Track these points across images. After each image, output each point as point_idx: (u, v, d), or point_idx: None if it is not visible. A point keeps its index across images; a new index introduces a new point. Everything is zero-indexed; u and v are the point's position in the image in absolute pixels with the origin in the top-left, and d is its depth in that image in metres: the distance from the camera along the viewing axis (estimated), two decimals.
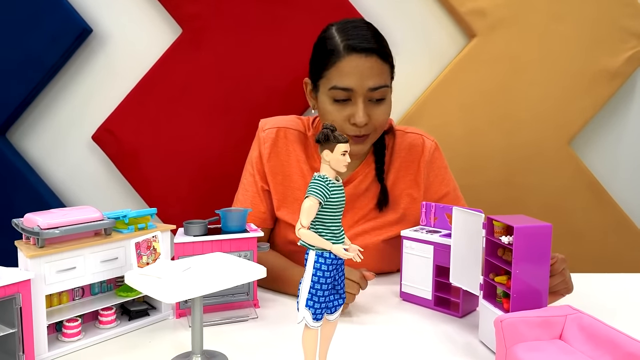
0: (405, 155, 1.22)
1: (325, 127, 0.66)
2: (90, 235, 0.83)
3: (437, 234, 1.00)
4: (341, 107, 1.09)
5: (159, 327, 0.90)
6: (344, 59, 1.06)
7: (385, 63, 1.09)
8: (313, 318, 0.67)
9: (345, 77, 1.06)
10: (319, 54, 1.12)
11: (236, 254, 0.96)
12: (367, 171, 1.21)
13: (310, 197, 0.65)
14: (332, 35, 1.10)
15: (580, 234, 1.72)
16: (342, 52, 1.07)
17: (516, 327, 0.72)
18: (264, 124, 1.27)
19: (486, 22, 1.67)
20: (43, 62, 1.68)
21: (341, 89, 1.07)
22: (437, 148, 1.24)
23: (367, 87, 1.06)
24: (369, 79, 1.06)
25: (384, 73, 1.09)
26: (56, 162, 1.78)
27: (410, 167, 1.21)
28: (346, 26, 1.10)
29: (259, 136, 1.25)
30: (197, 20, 1.67)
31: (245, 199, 1.23)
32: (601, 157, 1.77)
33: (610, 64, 1.68)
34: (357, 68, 1.06)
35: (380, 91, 1.08)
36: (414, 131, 1.25)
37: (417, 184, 1.21)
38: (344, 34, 1.08)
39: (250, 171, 1.24)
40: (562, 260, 0.91)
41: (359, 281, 0.96)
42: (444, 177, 1.24)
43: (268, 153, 1.21)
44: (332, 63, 1.08)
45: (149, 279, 0.70)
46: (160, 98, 1.70)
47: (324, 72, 1.10)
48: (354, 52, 1.06)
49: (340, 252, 0.65)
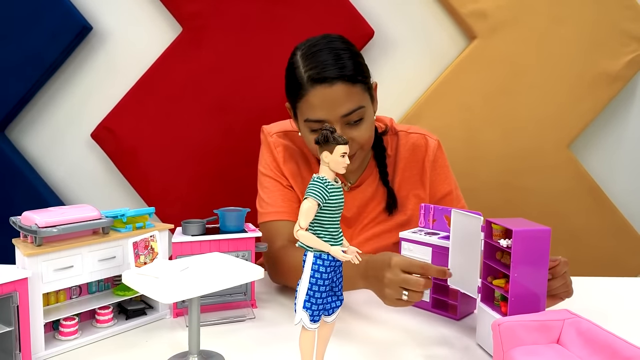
0: (410, 156, 1.22)
1: (325, 129, 0.66)
2: (88, 234, 0.83)
3: (436, 236, 1.00)
4: None
5: (156, 327, 0.90)
6: (310, 92, 1.03)
7: (355, 85, 1.04)
8: (310, 320, 0.67)
9: (315, 109, 1.04)
10: (289, 83, 1.10)
11: (234, 254, 0.96)
12: (372, 175, 1.21)
13: (309, 199, 0.64)
14: (297, 64, 1.07)
15: (579, 237, 1.72)
16: (307, 85, 1.04)
17: (514, 331, 0.72)
18: (269, 130, 1.24)
19: (487, 24, 1.67)
20: (43, 60, 1.68)
21: (314, 121, 1.05)
22: (439, 147, 1.25)
23: (339, 115, 1.04)
24: (339, 107, 1.03)
25: (355, 95, 1.04)
26: (55, 160, 1.78)
27: (414, 168, 1.21)
28: (309, 52, 1.06)
29: (269, 141, 1.22)
30: (197, 19, 1.67)
31: (274, 199, 1.17)
32: (601, 160, 1.78)
33: (611, 67, 1.68)
34: (325, 99, 1.03)
35: (355, 114, 1.05)
36: (416, 131, 1.25)
37: (423, 183, 1.21)
38: (306, 63, 1.04)
39: (270, 175, 1.19)
40: (565, 264, 0.90)
41: (426, 272, 0.86)
42: (447, 175, 1.24)
43: (282, 157, 1.19)
44: (300, 96, 1.06)
45: (146, 279, 0.70)
46: (160, 96, 1.70)
47: (297, 104, 1.08)
48: (317, 83, 1.02)
49: (338, 254, 0.65)
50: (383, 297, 0.88)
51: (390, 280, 0.86)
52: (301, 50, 1.08)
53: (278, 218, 1.14)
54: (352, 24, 1.66)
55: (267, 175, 1.20)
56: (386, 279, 0.86)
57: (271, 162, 1.20)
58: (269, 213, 1.15)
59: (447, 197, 1.23)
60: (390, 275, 0.86)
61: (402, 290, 0.85)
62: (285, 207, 1.15)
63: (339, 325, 0.90)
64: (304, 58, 1.06)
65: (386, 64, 1.72)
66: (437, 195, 1.23)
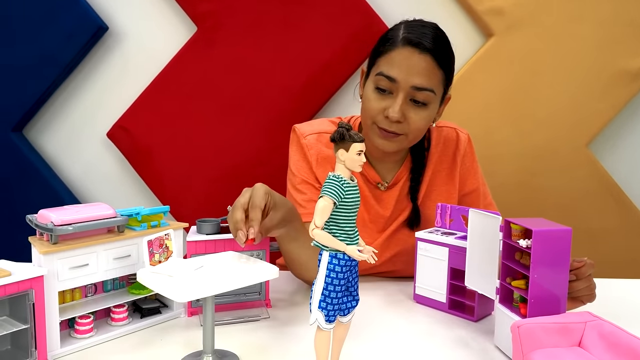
0: (442, 150, 1.20)
1: (341, 126, 0.65)
2: (103, 232, 0.83)
3: (453, 236, 0.99)
4: (382, 97, 1.05)
5: (170, 325, 0.90)
6: (397, 49, 1.04)
7: (440, 68, 1.04)
8: (326, 320, 0.66)
9: (393, 66, 1.03)
10: (380, 41, 1.09)
11: (249, 253, 0.95)
12: (408, 175, 1.19)
13: (325, 197, 0.64)
14: (397, 27, 1.08)
15: (598, 238, 1.69)
16: (398, 43, 1.04)
17: (534, 333, 0.70)
18: (303, 131, 1.19)
19: (504, 22, 1.65)
20: (59, 60, 1.70)
21: (386, 76, 1.04)
22: (469, 141, 1.23)
23: (410, 84, 1.03)
24: (415, 76, 1.02)
25: (434, 77, 1.04)
26: (71, 159, 1.80)
27: (445, 162, 1.20)
28: (414, 23, 1.08)
29: (302, 143, 1.17)
30: (212, 19, 1.67)
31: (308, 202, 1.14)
32: (620, 159, 1.74)
33: (630, 65, 1.65)
34: (406, 61, 1.02)
35: (424, 94, 1.03)
36: (446, 125, 1.23)
37: (453, 178, 1.19)
38: (408, 29, 1.05)
39: (302, 177, 1.16)
40: (590, 266, 0.88)
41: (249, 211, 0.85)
42: (476, 171, 1.23)
43: (316, 160, 1.15)
44: (386, 51, 1.05)
45: (160, 277, 0.70)
46: (175, 96, 1.71)
47: (377, 59, 1.07)
48: (408, 44, 1.03)
49: (354, 253, 0.64)
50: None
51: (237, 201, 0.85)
52: (407, 21, 1.09)
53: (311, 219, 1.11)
54: (367, 22, 1.65)
55: (300, 179, 1.16)
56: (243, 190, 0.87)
57: (304, 164, 1.16)
58: (303, 215, 1.09)
59: (474, 192, 1.22)
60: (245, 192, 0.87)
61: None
62: None
63: (354, 326, 0.89)
64: (407, 25, 1.07)
65: None
66: (464, 190, 1.21)
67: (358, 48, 1.64)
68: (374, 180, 1.17)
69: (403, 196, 1.18)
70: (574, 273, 0.87)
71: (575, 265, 0.87)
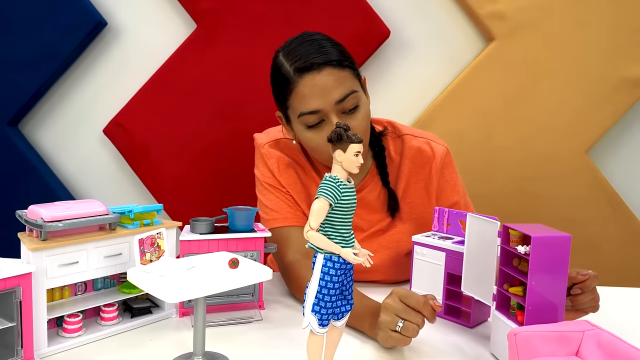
0: (415, 160, 1.17)
1: (338, 126, 0.64)
2: (95, 229, 0.81)
3: (450, 241, 0.97)
4: (318, 131, 1.02)
5: (161, 326, 0.88)
6: (299, 82, 1.00)
7: (344, 69, 1.01)
8: (319, 324, 0.65)
9: (307, 100, 1.00)
10: (276, 85, 1.07)
11: (243, 253, 0.94)
12: (374, 180, 1.16)
13: (320, 199, 0.62)
14: (281, 62, 1.04)
15: (597, 246, 1.68)
16: (295, 77, 1.01)
17: (531, 341, 0.69)
18: (260, 140, 1.19)
19: (506, 26, 1.64)
20: (57, 55, 1.68)
21: (308, 113, 1.01)
22: (447, 153, 1.19)
23: (333, 102, 0.99)
24: (332, 93, 0.99)
25: (346, 79, 1.01)
26: (67, 155, 1.78)
27: (420, 174, 1.17)
28: (290, 47, 1.04)
29: (261, 152, 1.17)
30: (211, 16, 1.66)
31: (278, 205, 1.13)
32: (620, 167, 1.73)
33: (632, 72, 1.64)
34: (315, 87, 0.99)
35: (349, 99, 1.00)
36: (422, 135, 1.20)
37: (429, 193, 1.16)
38: (290, 57, 1.02)
39: (269, 183, 1.15)
40: (594, 278, 0.87)
41: (421, 309, 0.80)
42: (455, 183, 1.19)
43: (277, 168, 1.14)
44: (290, 91, 1.02)
45: (151, 277, 0.68)
46: (173, 93, 1.69)
47: (287, 102, 1.05)
48: (305, 72, 0.99)
49: (349, 256, 0.63)
50: (377, 328, 0.82)
51: (388, 305, 0.80)
52: (282, 50, 1.06)
53: (285, 224, 1.10)
54: (368, 23, 1.63)
55: (266, 183, 1.15)
56: (385, 304, 0.81)
57: (267, 172, 1.16)
58: (275, 219, 1.11)
59: (454, 206, 1.18)
60: (390, 301, 0.81)
61: (399, 319, 0.79)
62: (290, 213, 1.12)
63: (347, 331, 0.88)
64: (286, 55, 1.04)
65: (401, 65, 1.69)
66: (443, 205, 1.18)
67: (359, 49, 1.62)
68: None
69: (372, 202, 1.15)
70: (579, 287, 0.86)
71: (580, 279, 0.86)
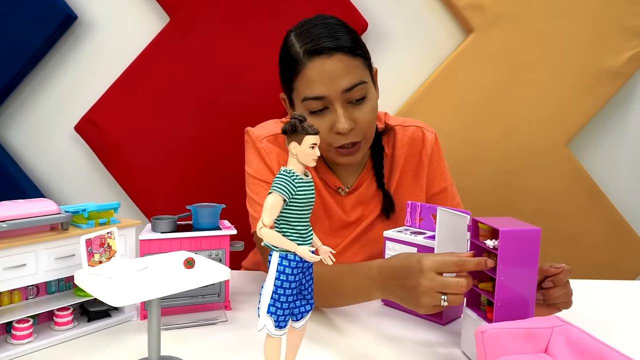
0: (408, 151, 1.14)
1: (294, 117, 0.61)
2: (46, 230, 0.77)
3: (422, 236, 0.94)
4: (320, 117, 0.98)
5: (120, 330, 0.84)
6: (307, 65, 0.96)
7: (355, 57, 0.97)
8: (275, 326, 0.62)
9: (313, 84, 0.96)
10: (284, 65, 1.02)
11: (207, 252, 0.90)
12: (370, 178, 1.13)
13: (274, 194, 0.59)
14: (291, 42, 1.00)
15: (577, 238, 1.66)
16: (304, 59, 0.96)
17: (498, 339, 0.66)
18: (258, 134, 1.11)
19: (484, 17, 1.61)
20: (25, 49, 1.63)
21: (313, 98, 0.96)
22: (436, 140, 1.18)
23: (340, 90, 0.96)
24: (339, 81, 0.95)
25: (356, 69, 0.97)
26: (38, 153, 1.74)
27: (411, 163, 1.14)
28: (303, 29, 0.99)
29: (258, 147, 1.09)
30: (185, 9, 1.61)
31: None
32: (599, 159, 1.72)
33: (612, 64, 1.62)
34: (324, 72, 0.95)
35: (357, 89, 0.97)
36: (412, 123, 1.17)
37: (420, 179, 1.14)
38: (302, 38, 0.98)
39: (261, 183, 1.07)
40: (567, 272, 0.84)
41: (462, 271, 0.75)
42: (443, 171, 1.18)
43: (277, 164, 1.08)
44: (297, 73, 0.98)
45: (98, 279, 0.64)
46: (146, 89, 1.65)
47: (293, 84, 1.00)
48: (315, 55, 0.95)
49: (305, 254, 0.60)
50: (417, 306, 0.77)
51: (427, 287, 0.75)
52: (294, 30, 1.02)
53: None
54: (345, 15, 1.59)
55: (261, 180, 1.08)
56: (422, 286, 0.75)
57: (264, 168, 1.09)
58: None
59: (442, 193, 1.17)
60: (427, 282, 0.75)
61: (441, 295, 0.75)
62: None
63: (315, 330, 0.85)
64: (298, 35, 0.99)
65: (380, 58, 1.66)
66: (432, 191, 1.16)
67: None
68: (334, 185, 1.11)
69: (368, 200, 1.13)
70: (551, 280, 0.84)
71: (552, 272, 0.84)
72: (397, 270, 0.81)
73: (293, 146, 0.61)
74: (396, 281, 0.81)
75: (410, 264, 0.78)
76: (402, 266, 0.80)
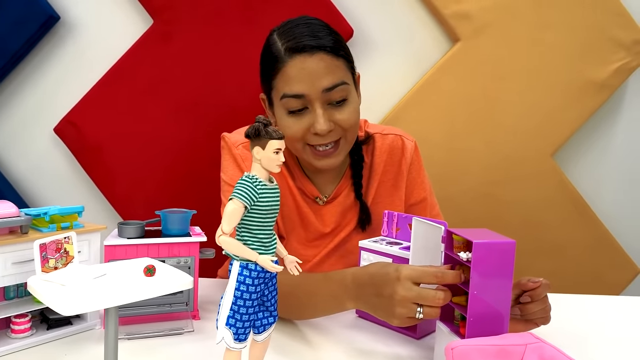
0: (386, 159, 1.12)
1: (257, 121, 0.59)
2: (5, 233, 0.74)
3: (398, 246, 0.92)
4: (298, 118, 0.96)
5: (81, 338, 0.81)
6: (288, 63, 0.93)
7: (338, 58, 0.95)
8: (235, 339, 0.59)
9: (293, 82, 0.93)
10: (265, 63, 1.00)
11: (175, 259, 0.88)
12: (348, 187, 1.10)
13: (234, 200, 0.57)
14: (273, 40, 0.98)
15: (561, 250, 1.64)
16: (285, 57, 0.94)
17: (469, 356, 0.64)
18: (234, 140, 1.08)
19: (471, 26, 1.60)
20: (5, 50, 1.60)
21: (292, 96, 0.94)
22: (416, 149, 1.15)
23: (321, 89, 0.93)
24: (320, 80, 0.93)
25: (338, 69, 0.95)
26: (17, 155, 1.71)
27: (390, 172, 1.12)
28: (286, 27, 0.97)
29: (234, 154, 1.07)
30: (168, 11, 1.59)
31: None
32: (585, 171, 1.71)
33: (598, 75, 1.62)
34: (304, 70, 0.92)
35: (338, 90, 0.94)
36: (392, 132, 1.15)
37: (399, 188, 1.12)
38: (284, 37, 0.96)
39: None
40: (546, 286, 0.82)
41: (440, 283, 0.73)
42: (422, 180, 1.15)
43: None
44: (277, 70, 0.95)
45: (51, 286, 0.61)
46: (128, 91, 1.62)
47: (273, 82, 0.98)
48: (296, 53, 0.93)
49: (267, 264, 0.57)
50: (391, 317, 0.74)
51: (403, 297, 0.72)
52: (277, 29, 1.00)
53: None
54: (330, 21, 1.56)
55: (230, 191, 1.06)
56: (398, 295, 0.72)
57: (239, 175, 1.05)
58: None
59: (421, 203, 1.15)
60: (403, 291, 0.72)
61: (417, 306, 0.72)
62: None
63: (284, 343, 0.82)
64: (280, 34, 0.97)
65: (365, 65, 1.64)
66: (410, 201, 1.14)
67: None
68: (312, 195, 1.09)
69: (346, 210, 1.10)
70: (529, 294, 0.82)
71: (530, 286, 0.81)
72: (373, 278, 0.78)
73: (256, 151, 0.58)
74: (371, 289, 0.78)
75: (387, 272, 0.76)
76: (378, 274, 0.77)
